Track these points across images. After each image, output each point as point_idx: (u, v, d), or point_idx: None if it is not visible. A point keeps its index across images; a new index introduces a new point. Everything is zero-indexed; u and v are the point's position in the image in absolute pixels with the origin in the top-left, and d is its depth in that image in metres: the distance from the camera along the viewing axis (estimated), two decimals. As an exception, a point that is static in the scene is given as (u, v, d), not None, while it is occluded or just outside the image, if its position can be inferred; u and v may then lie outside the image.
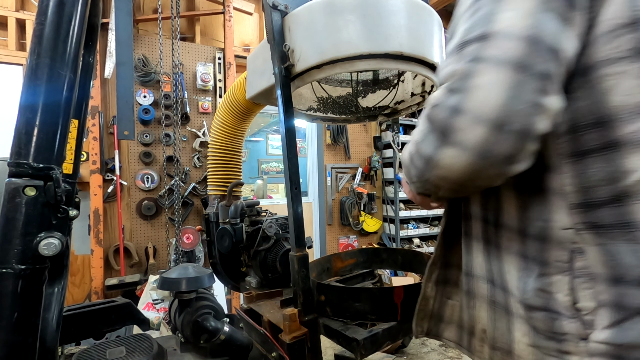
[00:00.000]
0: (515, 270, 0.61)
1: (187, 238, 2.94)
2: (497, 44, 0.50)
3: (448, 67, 0.55)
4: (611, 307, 0.51)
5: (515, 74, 0.49)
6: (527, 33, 0.50)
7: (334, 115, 1.70)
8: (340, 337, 1.13)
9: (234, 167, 2.02)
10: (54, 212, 0.87)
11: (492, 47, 0.50)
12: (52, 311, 1.01)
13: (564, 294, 0.54)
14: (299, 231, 1.13)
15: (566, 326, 0.54)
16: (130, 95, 1.34)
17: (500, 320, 0.65)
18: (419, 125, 0.60)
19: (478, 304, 0.70)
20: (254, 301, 1.43)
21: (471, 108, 0.50)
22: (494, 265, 0.66)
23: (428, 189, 0.64)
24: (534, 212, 0.59)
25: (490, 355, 0.69)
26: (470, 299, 0.73)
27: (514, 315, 0.62)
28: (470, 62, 0.51)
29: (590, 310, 0.52)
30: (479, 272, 0.70)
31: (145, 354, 1.11)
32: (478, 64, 0.51)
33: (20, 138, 0.84)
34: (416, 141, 0.60)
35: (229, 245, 1.66)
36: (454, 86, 0.52)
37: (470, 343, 0.74)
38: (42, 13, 0.88)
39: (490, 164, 0.51)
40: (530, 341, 0.59)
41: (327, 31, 1.08)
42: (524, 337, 0.60)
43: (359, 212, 4.26)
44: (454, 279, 0.78)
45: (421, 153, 0.58)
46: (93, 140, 2.73)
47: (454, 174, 0.54)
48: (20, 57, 2.67)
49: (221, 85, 3.27)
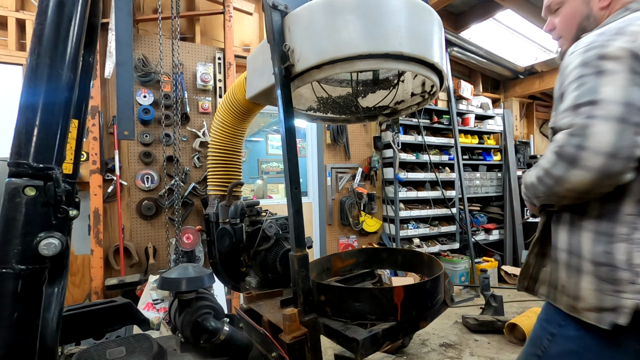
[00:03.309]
0: (590, 241, 0.93)
1: (187, 238, 2.94)
2: (604, 107, 0.81)
3: (566, 120, 0.87)
4: None
5: (619, 125, 0.80)
6: (623, 100, 0.81)
7: (334, 115, 1.70)
8: (340, 337, 1.13)
9: (234, 167, 2.02)
10: (54, 212, 0.87)
11: (601, 109, 0.81)
12: (52, 311, 1.01)
13: (623, 254, 0.86)
14: (299, 231, 1.13)
15: (622, 275, 0.86)
16: (130, 95, 1.35)
17: (572, 277, 0.96)
18: (545, 158, 0.91)
19: (560, 267, 1.01)
20: (254, 301, 1.43)
21: (590, 146, 0.81)
22: (574, 240, 0.97)
23: (552, 200, 0.97)
24: (609, 204, 0.90)
25: (566, 301, 0.99)
26: (556, 265, 1.03)
27: (583, 272, 0.93)
28: (586, 118, 0.82)
29: (639, 265, 0.84)
30: (562, 245, 1.01)
31: (145, 354, 1.11)
32: (592, 119, 0.81)
33: (20, 138, 0.84)
34: (545, 168, 0.91)
35: (229, 245, 1.66)
36: (575, 132, 0.83)
37: (555, 295, 1.04)
38: (42, 13, 0.88)
39: (607, 178, 0.82)
40: (595, 287, 0.90)
41: (327, 31, 1.08)
42: (590, 285, 0.91)
43: (359, 212, 4.26)
44: (548, 253, 1.09)
45: (552, 175, 0.89)
46: (93, 140, 2.73)
47: (581, 186, 0.85)
48: (20, 57, 2.67)
49: (221, 85, 3.27)
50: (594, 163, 0.80)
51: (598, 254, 0.90)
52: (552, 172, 0.88)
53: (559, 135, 0.87)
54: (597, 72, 0.84)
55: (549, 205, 1.03)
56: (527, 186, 1.02)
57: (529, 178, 1.01)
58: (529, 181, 1.01)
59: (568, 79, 0.91)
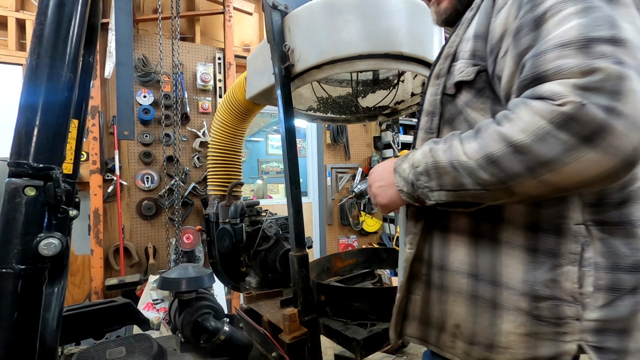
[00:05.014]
0: (520, 264, 0.63)
1: (187, 238, 2.94)
2: (633, 54, 0.50)
3: (570, 61, 0.51)
4: (606, 290, 0.59)
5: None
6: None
7: (334, 115, 1.70)
8: (340, 337, 1.13)
9: (234, 167, 2.02)
10: (54, 212, 0.87)
11: (630, 56, 0.49)
12: (52, 311, 1.01)
13: (572, 282, 0.60)
14: (299, 231, 1.13)
15: (567, 311, 0.60)
16: (130, 95, 1.34)
17: (481, 315, 0.67)
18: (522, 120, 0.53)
19: (452, 298, 0.71)
20: (254, 301, 1.43)
21: (629, 112, 0.47)
22: (483, 260, 0.67)
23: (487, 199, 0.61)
24: (549, 209, 0.62)
25: (465, 349, 0.70)
26: (442, 294, 0.73)
27: (504, 309, 0.64)
28: (616, 64, 0.48)
29: (589, 294, 0.59)
30: (458, 266, 0.70)
31: (145, 354, 1.11)
32: (627, 68, 0.48)
33: (20, 138, 0.84)
34: (517, 141, 0.53)
35: (229, 245, 1.66)
36: (603, 85, 0.48)
37: (439, 339, 0.74)
38: (42, 13, 0.88)
39: (626, 170, 0.50)
40: (527, 330, 0.62)
41: (327, 31, 1.08)
42: (518, 328, 0.63)
43: (359, 212, 4.26)
44: (417, 272, 0.77)
45: (532, 155, 0.52)
46: (93, 140, 2.73)
47: (578, 179, 0.51)
48: (20, 57, 2.67)
49: (221, 85, 3.27)
50: (628, 143, 0.47)
51: (538, 284, 0.61)
52: (535, 151, 0.52)
53: (553, 85, 0.51)
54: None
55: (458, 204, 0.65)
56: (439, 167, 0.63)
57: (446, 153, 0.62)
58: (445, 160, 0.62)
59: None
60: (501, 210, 0.66)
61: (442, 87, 0.74)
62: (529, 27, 0.57)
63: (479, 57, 0.68)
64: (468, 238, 0.70)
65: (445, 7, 0.84)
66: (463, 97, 0.70)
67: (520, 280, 0.63)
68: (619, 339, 0.59)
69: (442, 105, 0.74)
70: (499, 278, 0.65)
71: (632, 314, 0.59)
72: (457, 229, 0.71)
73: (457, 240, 0.71)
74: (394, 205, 0.76)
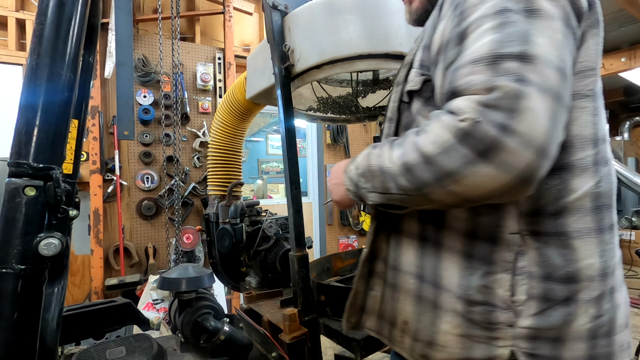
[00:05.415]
0: (457, 269, 0.66)
1: (187, 238, 2.94)
2: (539, 70, 0.50)
3: (478, 77, 0.52)
4: (539, 299, 0.60)
5: (554, 104, 0.50)
6: (560, 65, 0.52)
7: (334, 115, 1.70)
8: (340, 337, 1.13)
9: (234, 167, 2.02)
10: (54, 212, 0.87)
11: (535, 73, 0.50)
12: (52, 311, 1.01)
13: (504, 289, 0.62)
14: (299, 231, 1.13)
15: (500, 317, 0.62)
16: (130, 95, 1.34)
17: (425, 314, 0.70)
18: (428, 135, 0.56)
19: (402, 297, 0.75)
20: (254, 301, 1.43)
21: (523, 131, 0.48)
22: (427, 263, 0.70)
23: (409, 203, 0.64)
24: (486, 217, 0.64)
25: (410, 345, 0.73)
26: (395, 292, 0.77)
27: (443, 310, 0.67)
28: (517, 82, 0.49)
29: (521, 302, 0.61)
30: (408, 267, 0.74)
31: (145, 354, 1.11)
32: (527, 86, 0.49)
33: (20, 138, 0.84)
34: (427, 152, 0.55)
35: (229, 245, 1.66)
36: (501, 103, 0.49)
37: (391, 333, 0.78)
38: (42, 13, 0.88)
39: (522, 186, 0.51)
40: (462, 332, 0.65)
41: (327, 31, 1.08)
42: (455, 329, 0.66)
43: (359, 212, 4.25)
44: (378, 270, 0.82)
45: (438, 166, 0.54)
46: (93, 140, 2.73)
47: (477, 192, 0.53)
48: (20, 57, 2.66)
49: (221, 85, 3.27)
50: (520, 160, 0.49)
51: (472, 289, 0.63)
52: (440, 162, 0.53)
53: (460, 101, 0.53)
54: (528, 11, 0.54)
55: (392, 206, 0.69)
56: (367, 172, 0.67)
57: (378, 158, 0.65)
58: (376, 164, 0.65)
59: (476, 10, 0.57)
60: (444, 216, 0.68)
61: (399, 95, 0.76)
62: (454, 41, 0.59)
63: (426, 67, 0.70)
64: (417, 241, 0.73)
65: (416, 6, 0.84)
66: (415, 105, 0.73)
67: (456, 284, 0.66)
68: (552, 347, 0.60)
69: (399, 112, 0.77)
70: (439, 281, 0.68)
71: (563, 324, 0.60)
72: (409, 232, 0.75)
73: (408, 243, 0.75)
74: (345, 202, 0.81)
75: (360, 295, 0.84)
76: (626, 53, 4.05)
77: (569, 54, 0.55)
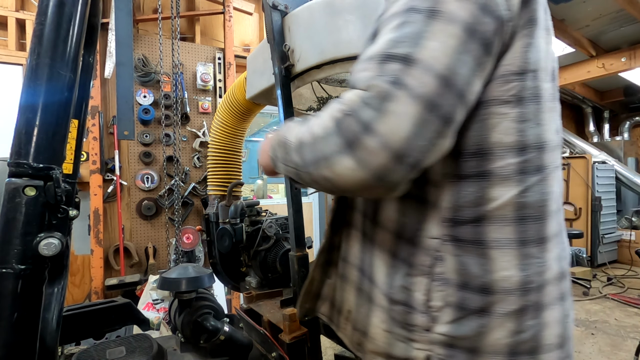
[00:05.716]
0: (385, 267, 0.68)
1: (187, 238, 2.94)
2: (417, 75, 0.51)
3: (365, 74, 0.55)
4: (454, 307, 0.60)
5: (424, 112, 0.50)
6: (444, 73, 0.51)
7: (334, 115, 1.70)
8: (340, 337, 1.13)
9: (234, 167, 2.02)
10: (54, 212, 0.87)
11: (412, 77, 0.51)
12: (52, 311, 1.01)
13: (421, 293, 0.63)
14: (299, 231, 1.13)
15: (417, 319, 0.63)
16: (130, 95, 1.34)
17: (363, 305, 0.73)
18: (323, 118, 0.58)
19: (348, 287, 0.78)
20: (254, 301, 1.43)
21: (383, 132, 0.50)
22: (366, 257, 0.73)
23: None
24: (410, 218, 0.65)
25: (351, 334, 0.77)
26: (343, 282, 0.80)
27: (375, 304, 0.70)
28: (390, 84, 0.51)
29: (438, 308, 0.61)
30: (353, 260, 0.77)
31: (145, 354, 1.11)
32: (398, 89, 0.51)
33: (20, 138, 0.84)
34: (314, 134, 0.58)
35: (229, 245, 1.66)
36: (371, 102, 0.52)
37: (339, 320, 0.82)
38: (42, 13, 0.88)
39: (380, 186, 0.54)
40: (386, 327, 0.67)
41: (327, 31, 1.08)
42: (382, 324, 0.68)
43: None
44: (334, 260, 0.84)
45: (316, 149, 0.57)
46: (93, 140, 2.73)
47: (342, 182, 0.56)
48: (20, 57, 2.66)
49: (221, 85, 3.27)
50: (374, 160, 0.51)
51: (394, 288, 0.65)
52: (318, 146, 0.57)
53: (349, 93, 0.56)
54: (431, 12, 0.53)
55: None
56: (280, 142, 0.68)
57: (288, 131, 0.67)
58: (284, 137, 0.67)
59: (392, 7, 0.59)
60: (379, 213, 0.70)
61: None
62: (371, 36, 0.63)
63: None
64: (360, 235, 0.75)
65: None
66: None
67: (383, 282, 0.68)
68: (468, 358, 0.60)
69: None
70: (373, 276, 0.70)
71: (477, 335, 0.59)
72: (355, 226, 0.77)
73: (355, 236, 0.77)
74: (267, 168, 0.82)
75: (315, 282, 0.86)
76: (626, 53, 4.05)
77: (466, 61, 0.53)
